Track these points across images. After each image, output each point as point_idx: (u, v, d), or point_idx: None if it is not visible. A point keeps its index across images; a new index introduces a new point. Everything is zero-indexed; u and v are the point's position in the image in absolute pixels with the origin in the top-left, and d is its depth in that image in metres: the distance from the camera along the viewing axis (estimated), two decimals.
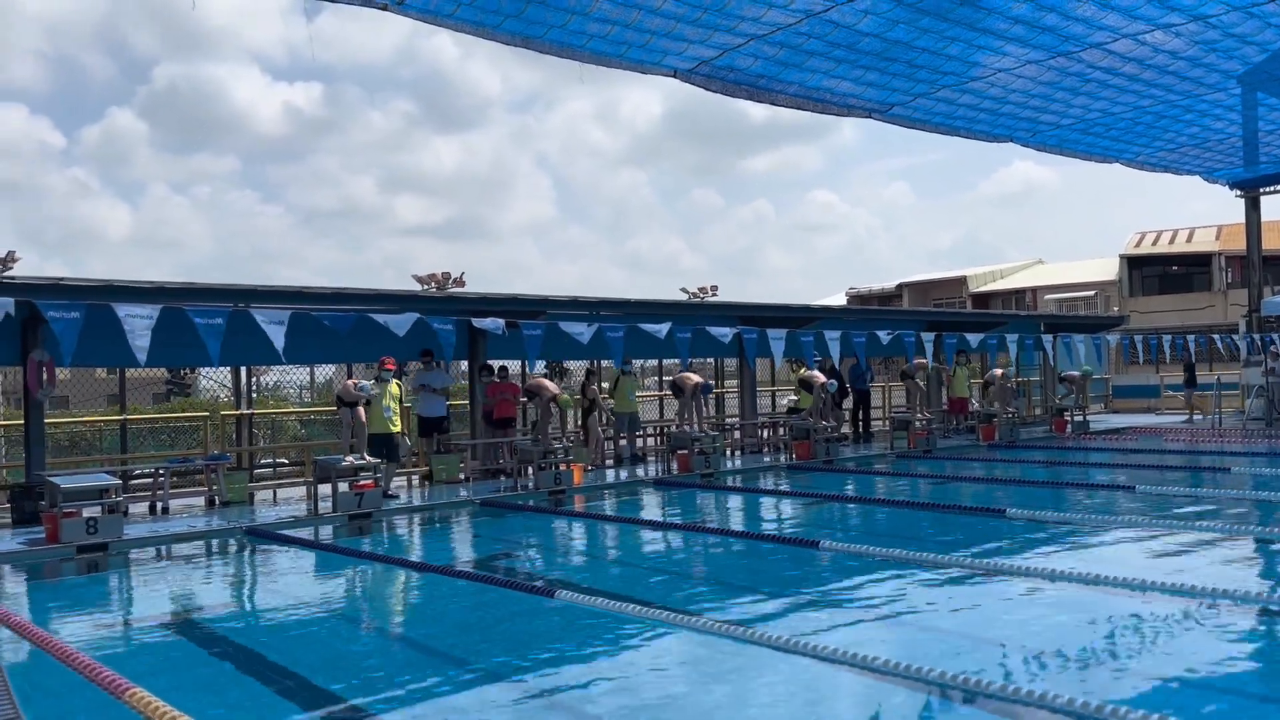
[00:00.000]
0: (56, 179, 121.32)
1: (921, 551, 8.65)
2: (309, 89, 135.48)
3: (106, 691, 4.72)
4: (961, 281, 49.13)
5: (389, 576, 9.32)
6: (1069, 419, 22.13)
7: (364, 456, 12.34)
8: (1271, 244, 29.98)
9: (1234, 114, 19.11)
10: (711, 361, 22.73)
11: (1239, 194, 26.17)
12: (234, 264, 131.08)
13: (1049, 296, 46.14)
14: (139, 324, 9.50)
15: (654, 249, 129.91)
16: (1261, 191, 26.06)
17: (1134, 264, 43.84)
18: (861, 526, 11.42)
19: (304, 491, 13.59)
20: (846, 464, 16.96)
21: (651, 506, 13.37)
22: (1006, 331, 19.97)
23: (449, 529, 12.03)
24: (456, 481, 14.87)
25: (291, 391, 21.37)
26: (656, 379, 23.71)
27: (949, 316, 27.38)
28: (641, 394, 19.78)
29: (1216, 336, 24.27)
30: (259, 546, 10.59)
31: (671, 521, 12.03)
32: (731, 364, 21.78)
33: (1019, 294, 47.96)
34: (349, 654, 6.61)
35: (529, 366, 16.93)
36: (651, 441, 18.69)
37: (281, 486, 14.84)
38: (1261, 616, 6.63)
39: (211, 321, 9.94)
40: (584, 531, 11.86)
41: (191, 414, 18.09)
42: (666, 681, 5.71)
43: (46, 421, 13.05)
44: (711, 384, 18.21)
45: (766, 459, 17.79)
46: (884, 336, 16.81)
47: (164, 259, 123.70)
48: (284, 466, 16.61)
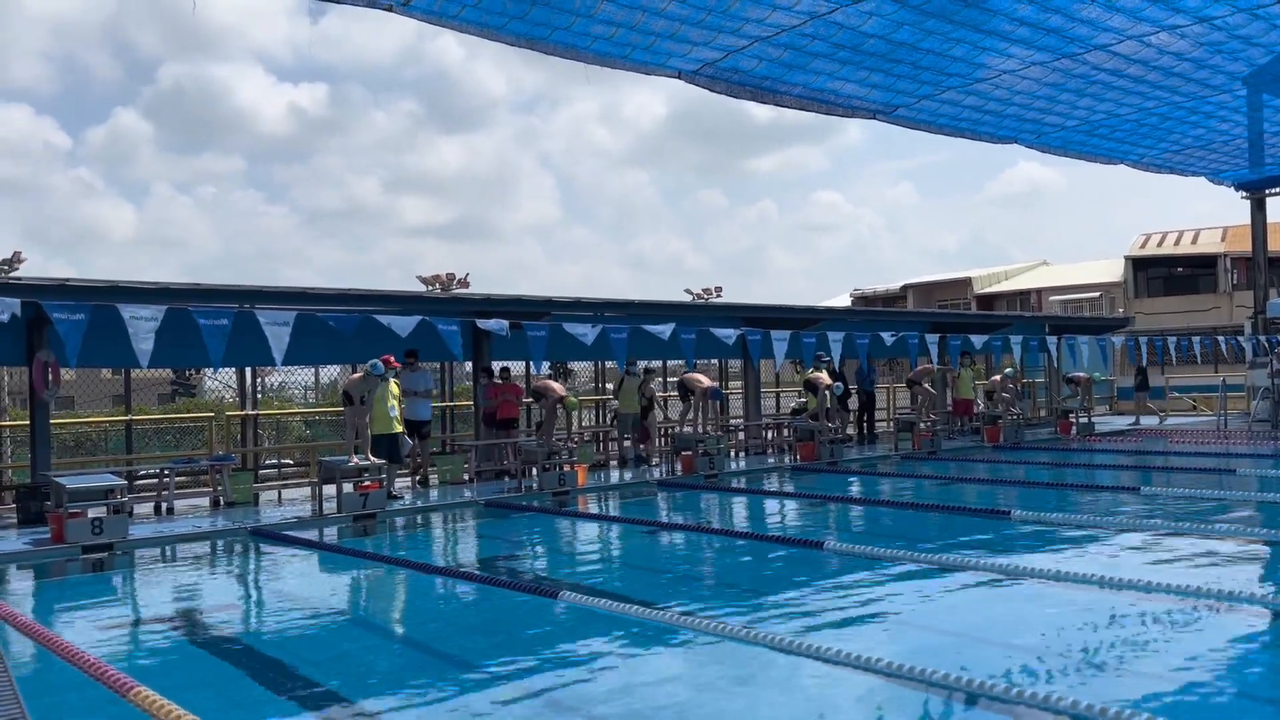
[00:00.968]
0: (61, 179, 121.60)
1: (926, 553, 8.64)
2: (313, 89, 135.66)
3: (111, 690, 4.74)
4: (966, 283, 49.07)
5: (393, 577, 9.33)
6: (1074, 421, 22.12)
7: (368, 457, 12.36)
8: (1277, 245, 29.85)
9: (1239, 115, 19.09)
10: (715, 362, 22.72)
11: (1244, 195, 26.12)
12: (239, 264, 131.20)
13: (1054, 298, 46.07)
14: (143, 326, 9.52)
15: (658, 249, 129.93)
16: (1267, 193, 26.02)
17: (1139, 265, 43.75)
18: (866, 528, 11.42)
19: (309, 492, 13.61)
20: (851, 465, 16.94)
21: (655, 508, 13.37)
22: (1011, 333, 19.99)
23: (453, 530, 12.04)
24: (460, 482, 14.89)
25: (296, 392, 21.45)
26: (660, 380, 23.69)
27: (953, 318, 27.33)
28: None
29: (1222, 338, 24.19)
30: (263, 547, 10.61)
31: (675, 523, 12.03)
32: (735, 365, 21.78)
33: (1024, 295, 47.90)
34: (353, 654, 6.61)
35: (535, 368, 16.88)
36: (656, 443, 18.66)
37: (286, 487, 14.86)
38: (1266, 618, 6.62)
39: (216, 322, 9.95)
40: (588, 533, 11.87)
41: (197, 415, 18.12)
42: (670, 683, 5.72)
43: (52, 422, 13.09)
44: (720, 390, 18.17)
45: (771, 460, 17.79)
46: (888, 338, 16.80)
47: (169, 259, 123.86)
48: (289, 467, 16.64)
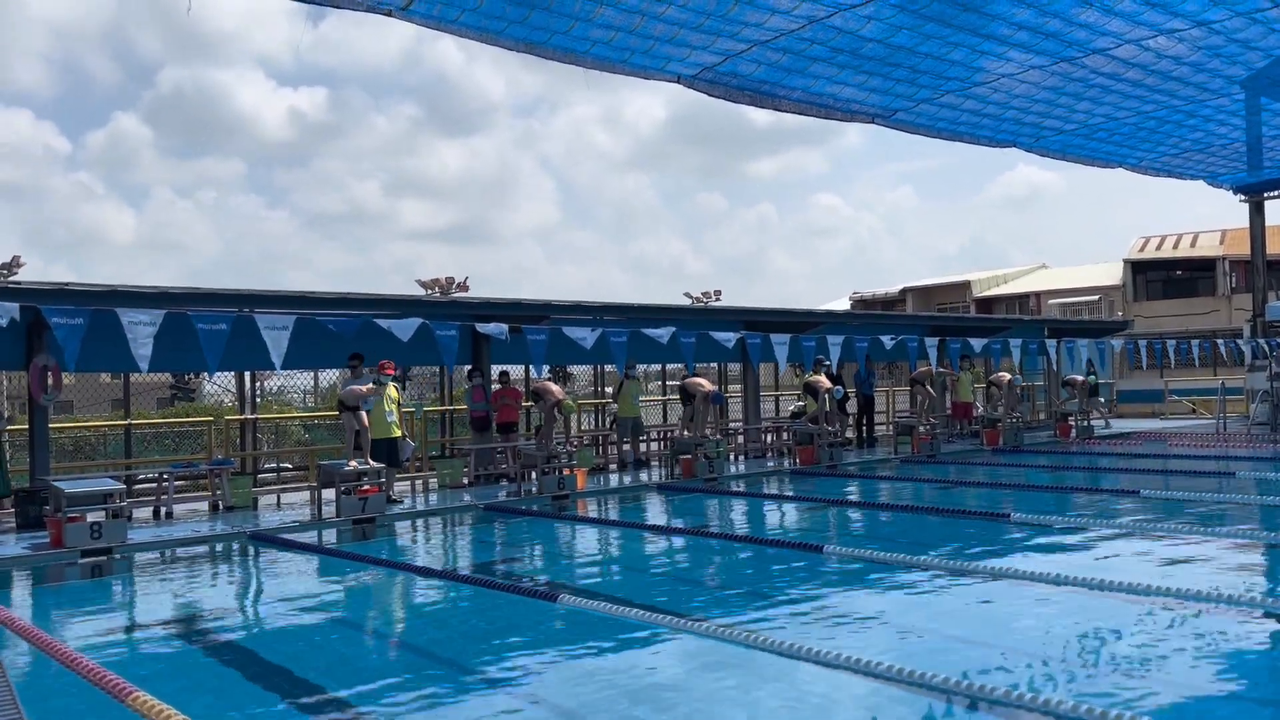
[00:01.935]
0: (61, 183, 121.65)
1: (925, 556, 8.64)
2: (314, 93, 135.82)
3: (110, 695, 4.73)
4: (965, 286, 49.08)
5: (392, 581, 9.33)
6: (1073, 423, 22.12)
7: (367, 461, 12.36)
8: (1276, 248, 29.85)
9: (1238, 119, 19.12)
10: (715, 366, 22.72)
11: (1243, 198, 26.14)
12: (240, 268, 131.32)
13: (1053, 301, 46.06)
14: (142, 331, 9.54)
15: (658, 252, 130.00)
16: (1266, 196, 26.03)
17: (1138, 268, 43.76)
18: (865, 531, 11.42)
19: (308, 496, 13.60)
20: (850, 469, 16.94)
21: (655, 511, 13.37)
22: (1010, 336, 20.00)
23: (452, 534, 12.04)
24: (459, 486, 14.89)
25: (295, 396, 21.40)
26: (660, 383, 23.71)
27: (953, 321, 27.36)
28: (644, 399, 19.78)
29: (1220, 341, 24.21)
30: (263, 551, 10.60)
31: (675, 526, 12.03)
32: (734, 369, 21.77)
33: (1023, 299, 47.90)
34: (352, 658, 6.61)
35: (535, 371, 16.88)
36: (655, 446, 18.68)
37: (285, 491, 14.85)
38: (1265, 621, 6.62)
39: (215, 327, 9.95)
40: (587, 536, 11.86)
41: (196, 419, 18.11)
42: (669, 687, 5.71)
43: (51, 426, 13.09)
44: (721, 394, 18.16)
45: (770, 464, 17.78)
46: (887, 341, 16.81)
47: (169, 263, 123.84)
48: (288, 471, 16.64)
